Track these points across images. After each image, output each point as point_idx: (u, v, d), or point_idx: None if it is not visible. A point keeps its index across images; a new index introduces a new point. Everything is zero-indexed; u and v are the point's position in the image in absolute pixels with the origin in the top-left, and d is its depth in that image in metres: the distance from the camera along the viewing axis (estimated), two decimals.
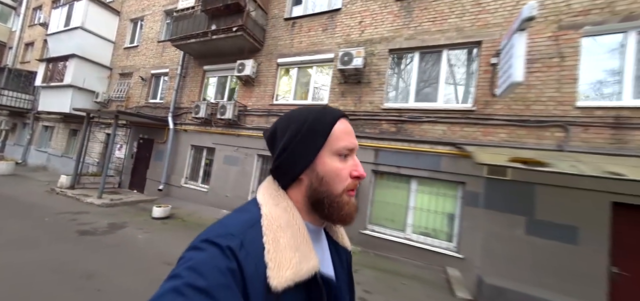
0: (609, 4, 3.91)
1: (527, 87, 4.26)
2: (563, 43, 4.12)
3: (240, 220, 0.49)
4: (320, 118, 0.55)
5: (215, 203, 7.11)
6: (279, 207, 0.52)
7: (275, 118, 6.68)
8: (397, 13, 5.54)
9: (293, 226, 0.50)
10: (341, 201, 0.53)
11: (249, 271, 0.42)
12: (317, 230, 0.58)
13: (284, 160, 0.55)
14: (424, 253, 4.61)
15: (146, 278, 3.01)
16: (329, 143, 0.54)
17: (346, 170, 0.54)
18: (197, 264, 0.40)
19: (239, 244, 0.44)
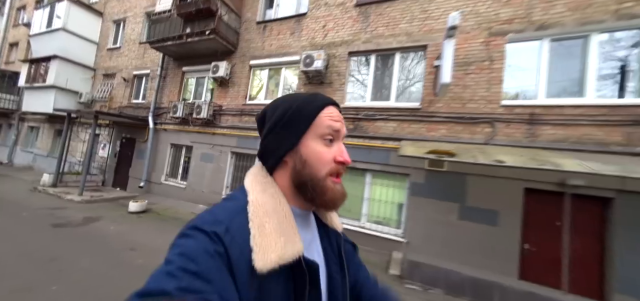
0: (527, 15, 4.40)
1: (463, 87, 4.74)
2: (492, 48, 4.60)
3: (228, 208, 0.50)
4: (308, 103, 0.56)
5: (192, 199, 7.50)
6: (265, 193, 0.53)
7: (248, 117, 7.07)
8: (356, 18, 5.97)
9: (279, 212, 0.51)
10: (325, 185, 0.53)
11: (234, 255, 0.44)
12: (304, 214, 0.59)
13: (269, 142, 0.57)
14: (377, 240, 5.08)
15: (108, 261, 3.40)
16: (314, 127, 0.54)
17: (329, 154, 0.54)
18: (187, 250, 0.42)
19: (225, 229, 0.45)
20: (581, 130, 3.91)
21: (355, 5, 6.01)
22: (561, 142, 4.00)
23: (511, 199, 4.13)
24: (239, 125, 7.13)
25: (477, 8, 4.80)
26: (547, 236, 3.94)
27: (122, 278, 3.03)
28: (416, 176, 4.88)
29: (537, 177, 3.89)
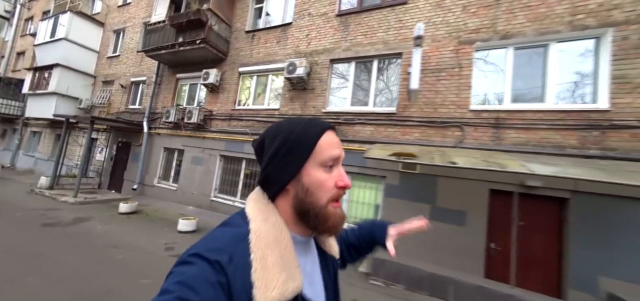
0: (492, 25, 4.64)
1: (435, 92, 4.96)
2: (461, 56, 4.83)
3: (229, 235, 0.49)
4: (307, 130, 0.56)
5: (182, 201, 7.73)
6: (267, 223, 0.52)
7: (236, 121, 7.35)
8: (337, 27, 6.26)
9: (281, 243, 0.51)
10: (327, 212, 0.54)
11: (236, 286, 0.43)
12: (305, 241, 0.59)
13: (271, 171, 0.56)
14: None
15: (88, 257, 3.62)
16: (314, 155, 0.54)
17: (331, 181, 0.55)
18: (187, 279, 0.41)
19: (228, 259, 0.44)
20: (541, 134, 4.09)
21: (336, 15, 6.31)
22: (523, 145, 4.18)
23: (478, 200, 4.29)
24: (228, 129, 7.40)
25: (447, 18, 5.06)
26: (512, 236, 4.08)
27: (98, 272, 3.24)
28: (391, 178, 5.07)
29: (501, 179, 4.06)
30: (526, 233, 3.99)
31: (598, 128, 3.78)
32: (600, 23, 3.95)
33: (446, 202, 4.52)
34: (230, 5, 8.01)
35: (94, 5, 13.15)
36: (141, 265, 3.55)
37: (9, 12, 19.41)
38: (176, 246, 4.40)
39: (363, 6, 6.11)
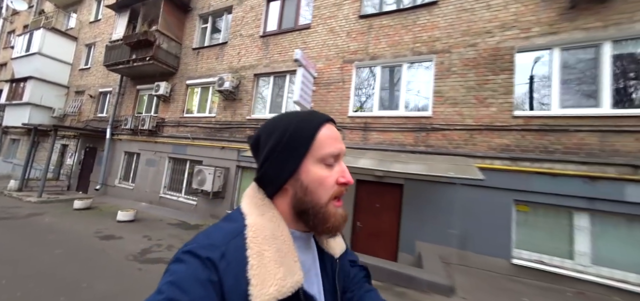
0: (365, 48, 5.77)
1: (326, 102, 6.05)
2: (344, 72, 5.95)
3: (224, 230, 0.48)
4: (303, 124, 0.52)
5: (138, 198, 8.71)
6: (264, 217, 0.50)
7: (183, 127, 8.37)
8: (260, 46, 7.36)
9: (278, 238, 0.48)
10: (327, 212, 0.51)
11: (229, 284, 0.42)
12: (305, 237, 0.56)
13: (268, 170, 0.53)
14: None
15: (24, 238, 4.58)
16: (312, 151, 0.51)
17: (332, 178, 0.52)
18: (178, 279, 0.40)
19: (220, 255, 0.43)
20: (392, 135, 5.20)
21: (260, 36, 7.41)
22: (381, 144, 5.27)
23: (351, 191, 5.37)
24: (176, 134, 8.42)
25: (336, 42, 6.18)
26: (371, 215, 5.17)
27: (25, 248, 4.20)
28: None
29: (364, 171, 5.15)
30: (379, 213, 5.08)
31: (425, 131, 4.90)
32: (429, 50, 5.10)
33: None
34: (180, 25, 9.08)
35: (69, 21, 14.16)
36: (63, 243, 4.52)
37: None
38: (106, 231, 5.39)
39: (281, 29, 7.23)
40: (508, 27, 4.57)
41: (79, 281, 3.09)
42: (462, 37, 4.89)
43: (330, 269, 0.63)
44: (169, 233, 5.58)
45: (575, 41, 4.14)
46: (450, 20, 5.04)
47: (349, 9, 6.18)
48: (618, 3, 3.88)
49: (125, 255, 4.09)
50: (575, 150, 3.89)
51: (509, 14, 4.59)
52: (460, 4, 4.99)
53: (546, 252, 3.93)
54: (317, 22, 6.55)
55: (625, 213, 3.56)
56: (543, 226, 4.02)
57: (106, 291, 2.94)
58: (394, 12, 5.64)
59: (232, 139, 7.15)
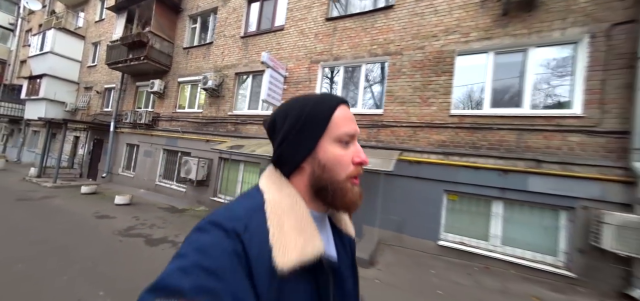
0: (330, 49, 6.23)
1: None
2: (311, 72, 6.45)
3: (245, 205, 0.50)
4: (319, 105, 0.55)
5: (138, 185, 9.70)
6: (282, 193, 0.52)
7: (175, 122, 9.18)
8: (241, 47, 7.93)
9: (296, 211, 0.50)
10: (345, 187, 0.53)
11: (253, 254, 0.43)
12: (321, 217, 0.58)
13: (285, 150, 0.55)
14: None
15: (35, 215, 5.52)
16: (329, 130, 0.54)
17: (348, 157, 0.54)
18: (203, 245, 0.41)
19: (244, 227, 0.44)
20: None
21: (241, 37, 7.97)
22: None
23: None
24: (169, 128, 9.26)
25: (305, 43, 6.66)
26: None
27: (34, 221, 5.12)
28: (264, 164, 6.81)
29: None
30: None
31: (376, 127, 5.40)
32: (384, 52, 5.51)
33: None
34: (172, 25, 9.76)
35: (78, 20, 15.17)
36: (66, 220, 5.43)
37: (13, 25, 21.74)
38: (103, 212, 6.28)
39: (259, 30, 7.76)
40: (451, 31, 4.92)
41: (69, 247, 3.93)
42: (413, 40, 5.27)
43: (349, 247, 0.65)
44: (155, 215, 6.44)
45: (506, 46, 4.47)
46: (403, 23, 5.41)
47: (317, 11, 6.61)
48: (540, 12, 4.17)
49: (113, 230, 4.95)
50: (497, 146, 4.31)
51: (452, 19, 4.93)
52: (413, 8, 5.34)
53: (468, 235, 4.44)
54: (290, 23, 7.03)
55: (527, 201, 4.01)
56: (467, 212, 4.51)
57: (88, 254, 3.77)
58: (356, 15, 6.05)
59: (216, 133, 7.88)
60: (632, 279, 3.22)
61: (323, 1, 6.54)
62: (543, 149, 3.98)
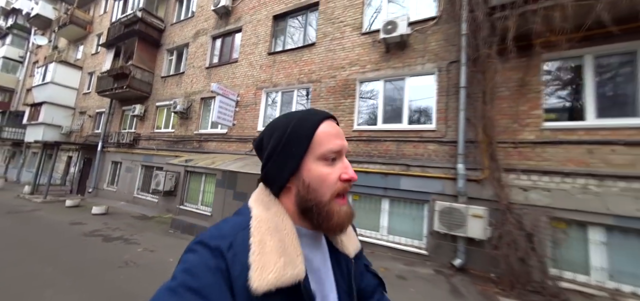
0: (270, 78, 7.49)
1: (244, 120, 7.81)
2: (257, 97, 7.69)
3: (232, 223, 0.51)
4: (302, 122, 0.54)
5: (119, 198, 10.79)
6: (269, 211, 0.52)
7: (153, 141, 10.40)
8: (206, 76, 9.28)
9: (282, 231, 0.50)
10: (330, 210, 0.52)
11: (235, 272, 0.44)
12: (313, 235, 0.57)
13: (270, 170, 0.55)
14: (203, 216, 8.05)
15: (19, 223, 6.59)
16: (312, 148, 0.53)
17: (334, 175, 0.53)
18: (190, 266, 0.43)
19: (228, 245, 0.45)
20: None
21: (206, 68, 9.35)
22: None
23: (253, 185, 7.03)
24: (147, 146, 10.47)
25: (253, 73, 7.96)
26: None
27: (19, 228, 6.18)
28: (219, 175, 7.90)
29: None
30: None
31: None
32: (308, 80, 6.75)
33: (240, 188, 7.30)
34: (152, 58, 11.25)
35: (78, 53, 16.96)
36: (44, 226, 6.49)
37: (22, 57, 23.85)
38: (78, 220, 7.33)
39: (220, 62, 9.13)
40: (353, 64, 6.15)
41: (39, 243, 4.99)
42: (328, 71, 6.51)
43: (346, 269, 0.63)
44: (124, 221, 7.47)
45: (390, 76, 5.66)
46: (322, 58, 6.68)
47: (262, 47, 7.96)
48: (409, 51, 5.39)
49: (80, 232, 5.99)
50: (384, 154, 5.39)
51: (354, 55, 6.18)
52: (328, 46, 6.63)
53: (365, 228, 5.41)
54: (242, 57, 8.38)
55: (402, 198, 5.03)
56: (365, 209, 5.51)
57: (52, 246, 4.81)
58: (289, 51, 7.36)
59: (184, 150, 9.06)
60: (457, 252, 4.16)
61: (267, 39, 7.91)
62: (412, 156, 5.05)
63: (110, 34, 12.00)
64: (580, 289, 3.47)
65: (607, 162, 3.56)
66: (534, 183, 3.93)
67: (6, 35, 24.04)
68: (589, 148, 3.69)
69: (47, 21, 20.09)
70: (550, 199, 3.79)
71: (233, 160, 6.39)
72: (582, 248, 3.64)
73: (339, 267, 0.62)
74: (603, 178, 3.53)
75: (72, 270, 3.89)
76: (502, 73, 4.33)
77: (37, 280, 3.53)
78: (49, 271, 3.80)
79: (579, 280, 3.58)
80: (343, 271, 0.62)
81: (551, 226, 3.80)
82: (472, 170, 4.40)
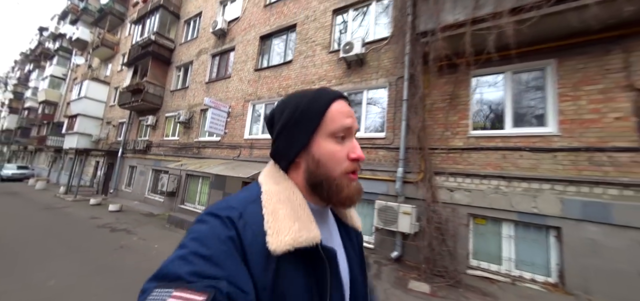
0: (256, 92, 8.44)
1: (234, 129, 8.80)
2: (244, 108, 8.66)
3: (242, 197, 0.52)
4: (315, 100, 0.55)
5: (132, 198, 12.27)
6: (279, 185, 0.54)
7: (162, 148, 11.79)
8: (205, 90, 10.48)
9: (293, 201, 0.51)
10: (340, 183, 0.53)
11: (248, 239, 0.45)
12: (321, 210, 0.58)
13: (280, 144, 0.57)
14: (196, 213, 9.04)
15: (51, 216, 8.01)
16: (323, 125, 0.54)
17: (343, 152, 0.54)
18: (200, 235, 0.44)
19: (238, 215, 0.46)
20: (261, 151, 7.69)
21: (206, 83, 10.57)
22: (258, 158, 7.78)
23: (238, 186, 7.93)
24: (157, 152, 11.89)
25: (242, 87, 8.97)
26: None
27: (49, 219, 7.57)
28: (212, 178, 8.92)
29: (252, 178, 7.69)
30: None
31: None
32: (286, 93, 7.57)
33: (229, 189, 8.24)
34: (164, 74, 12.80)
35: (107, 70, 19.37)
36: (69, 219, 7.84)
37: (65, 75, 27.38)
38: (96, 215, 8.67)
39: (217, 77, 10.29)
40: (322, 78, 6.89)
41: (61, 231, 6.23)
42: (301, 85, 7.30)
43: (356, 241, 0.66)
44: (132, 217, 8.71)
45: (351, 89, 6.32)
46: (297, 73, 7.50)
47: (250, 64, 8.97)
48: (366, 68, 6.03)
49: (94, 224, 7.23)
50: None
51: (322, 70, 6.92)
52: (302, 63, 7.44)
53: None
54: (234, 73, 9.46)
55: None
56: None
57: (70, 233, 6.00)
58: (272, 67, 8.28)
59: (186, 155, 10.27)
60: (394, 245, 4.65)
61: (254, 57, 8.92)
62: (367, 161, 5.63)
63: (130, 55, 13.80)
64: (492, 277, 3.84)
65: (516, 165, 3.94)
66: (459, 185, 4.37)
67: (53, 57, 27.76)
68: (503, 153, 4.09)
69: (84, 43, 23.09)
70: (470, 199, 4.20)
71: (217, 164, 7.36)
72: (497, 241, 4.01)
73: (349, 240, 0.64)
74: (511, 180, 3.92)
75: (78, 249, 4.96)
76: (438, 87, 4.85)
77: (50, 254, 4.63)
78: (61, 251, 4.90)
79: (492, 269, 3.96)
80: (354, 244, 0.64)
81: (474, 223, 4.21)
82: (411, 173, 4.91)
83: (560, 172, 3.60)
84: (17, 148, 32.37)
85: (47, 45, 31.80)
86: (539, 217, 3.63)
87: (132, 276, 3.93)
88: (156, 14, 12.65)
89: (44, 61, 30.92)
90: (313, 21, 7.45)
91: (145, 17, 13.32)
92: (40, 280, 3.62)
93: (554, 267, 3.56)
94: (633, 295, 2.96)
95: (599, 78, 3.51)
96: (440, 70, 4.64)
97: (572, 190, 3.47)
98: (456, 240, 4.02)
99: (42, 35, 34.64)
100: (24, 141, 29.20)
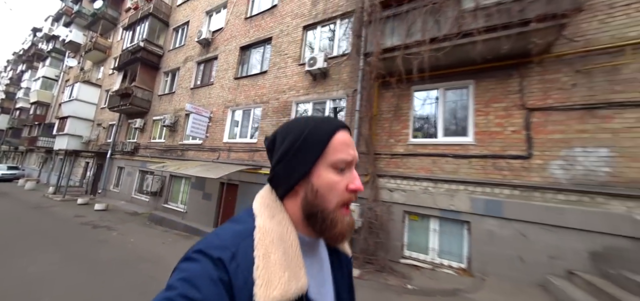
0: (234, 99, 9.03)
1: (214, 132, 9.36)
2: (224, 114, 9.23)
3: (234, 231, 0.50)
4: (318, 129, 0.55)
5: (120, 198, 12.69)
6: (273, 220, 0.52)
7: (149, 150, 12.27)
8: (190, 95, 11.03)
9: (286, 241, 0.50)
10: (335, 217, 0.53)
11: (238, 284, 0.43)
12: (313, 241, 0.58)
13: (280, 171, 0.55)
14: (176, 212, 9.59)
15: (39, 215, 8.44)
16: (325, 155, 0.53)
17: (342, 184, 0.53)
18: (190, 276, 0.42)
19: (231, 256, 0.45)
20: (238, 154, 8.26)
21: (190, 89, 11.12)
22: (237, 161, 8.34)
23: (217, 189, 8.48)
24: (144, 154, 12.36)
25: (222, 94, 9.55)
26: (229, 203, 8.18)
27: (35, 217, 8.00)
28: (193, 179, 9.44)
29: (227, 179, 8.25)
30: (230, 202, 8.09)
31: (252, 151, 7.89)
32: (261, 101, 8.19)
33: (208, 190, 8.78)
34: (152, 79, 13.31)
35: (99, 72, 19.78)
36: (54, 218, 8.28)
37: (57, 76, 27.63)
38: (81, 214, 9.11)
39: (202, 84, 10.86)
40: (291, 89, 7.52)
41: (46, 228, 6.69)
42: (274, 94, 7.92)
43: (346, 268, 0.66)
44: (116, 216, 9.17)
45: (316, 99, 6.95)
46: (270, 83, 8.12)
47: (231, 72, 9.57)
48: (329, 80, 6.68)
49: (79, 222, 7.70)
50: None
51: (292, 81, 7.55)
52: (275, 74, 8.07)
53: None
54: (216, 80, 10.04)
55: None
56: None
57: (54, 230, 6.47)
58: (250, 76, 8.88)
59: (170, 157, 10.77)
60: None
61: (234, 66, 9.52)
62: None
63: (120, 60, 14.30)
64: (420, 265, 4.46)
65: (442, 169, 4.59)
66: (398, 186, 5.00)
67: (46, 58, 28.00)
68: (433, 159, 4.74)
69: (77, 46, 23.43)
70: (405, 198, 4.83)
71: (194, 166, 7.91)
72: (425, 234, 4.64)
73: (340, 267, 0.65)
74: (437, 182, 4.56)
75: (60, 243, 5.46)
76: (385, 100, 5.50)
77: (33, 247, 5.12)
78: (44, 242, 5.40)
79: (421, 258, 4.59)
80: (343, 271, 0.65)
81: (409, 219, 4.84)
82: (362, 175, 5.53)
83: (473, 175, 4.26)
84: (8, 149, 32.32)
85: (41, 46, 32.01)
86: (456, 213, 4.28)
87: (105, 265, 4.45)
88: (146, 22, 13.20)
89: (37, 62, 31.14)
90: (286, 35, 8.10)
91: (135, 24, 13.85)
92: (21, 267, 4.13)
93: (464, 255, 4.21)
94: (515, 274, 3.64)
95: (502, 98, 4.21)
96: (387, 86, 5.29)
97: (479, 190, 4.13)
98: (389, 234, 4.63)
99: (35, 36, 34.83)
100: (15, 141, 29.26)
